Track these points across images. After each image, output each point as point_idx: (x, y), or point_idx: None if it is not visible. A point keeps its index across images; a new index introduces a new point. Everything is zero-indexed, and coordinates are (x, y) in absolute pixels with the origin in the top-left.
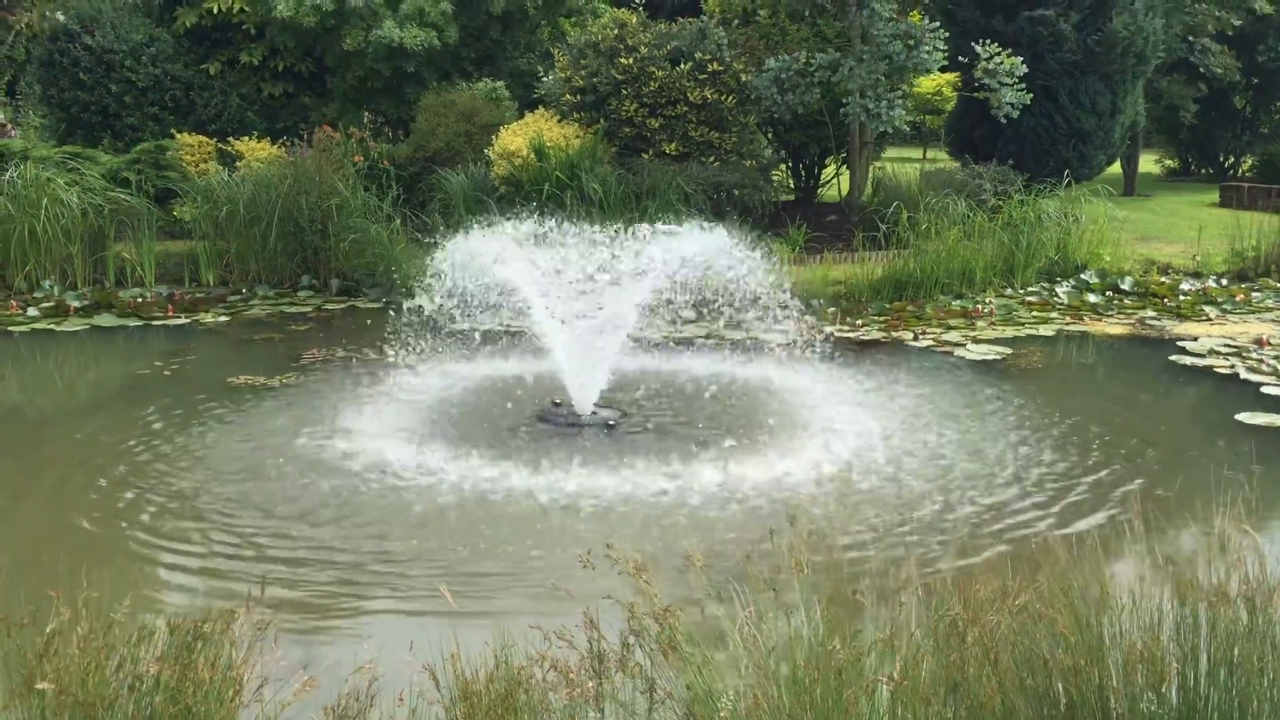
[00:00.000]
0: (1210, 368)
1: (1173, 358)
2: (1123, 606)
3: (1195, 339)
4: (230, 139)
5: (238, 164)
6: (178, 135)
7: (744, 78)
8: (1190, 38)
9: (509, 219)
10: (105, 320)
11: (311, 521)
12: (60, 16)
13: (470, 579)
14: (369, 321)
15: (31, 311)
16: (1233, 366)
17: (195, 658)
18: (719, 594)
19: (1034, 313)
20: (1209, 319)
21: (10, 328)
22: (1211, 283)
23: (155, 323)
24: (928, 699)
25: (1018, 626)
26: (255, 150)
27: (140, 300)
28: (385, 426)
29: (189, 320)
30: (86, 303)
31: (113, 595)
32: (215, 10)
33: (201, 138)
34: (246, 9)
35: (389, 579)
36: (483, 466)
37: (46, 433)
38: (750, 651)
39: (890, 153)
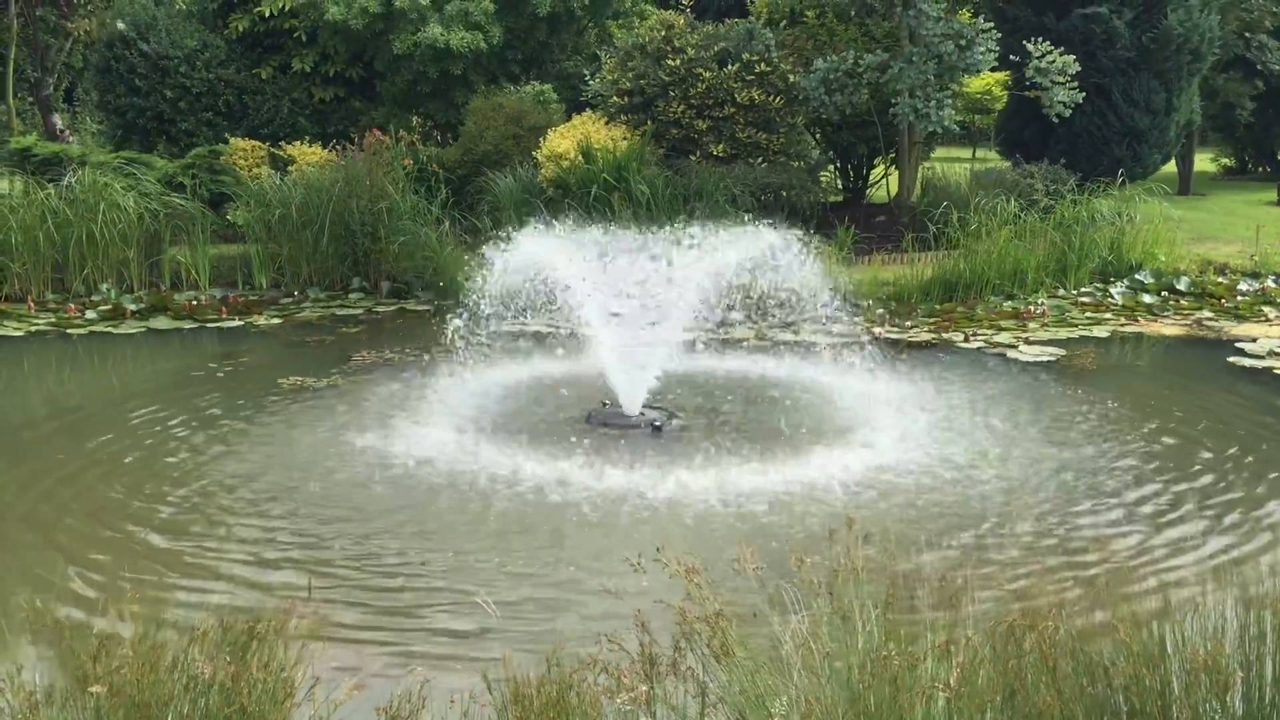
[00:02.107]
0: (1270, 369)
1: (1231, 359)
2: (1185, 613)
3: (1254, 340)
4: (282, 143)
5: (289, 168)
6: (231, 140)
7: (792, 78)
8: (1247, 34)
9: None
10: (161, 323)
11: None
12: (121, 25)
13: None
14: (418, 324)
15: (90, 314)
16: None
17: (249, 658)
18: (772, 598)
19: (1087, 314)
20: (1268, 320)
21: (69, 330)
22: (1270, 282)
23: (209, 325)
24: (984, 706)
25: (1077, 633)
26: (306, 154)
27: (195, 303)
28: (437, 425)
29: (242, 323)
30: (143, 306)
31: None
32: (268, 15)
33: (254, 142)
34: (298, 14)
35: (438, 575)
36: (533, 465)
37: (104, 430)
38: (804, 657)
39: (939, 153)
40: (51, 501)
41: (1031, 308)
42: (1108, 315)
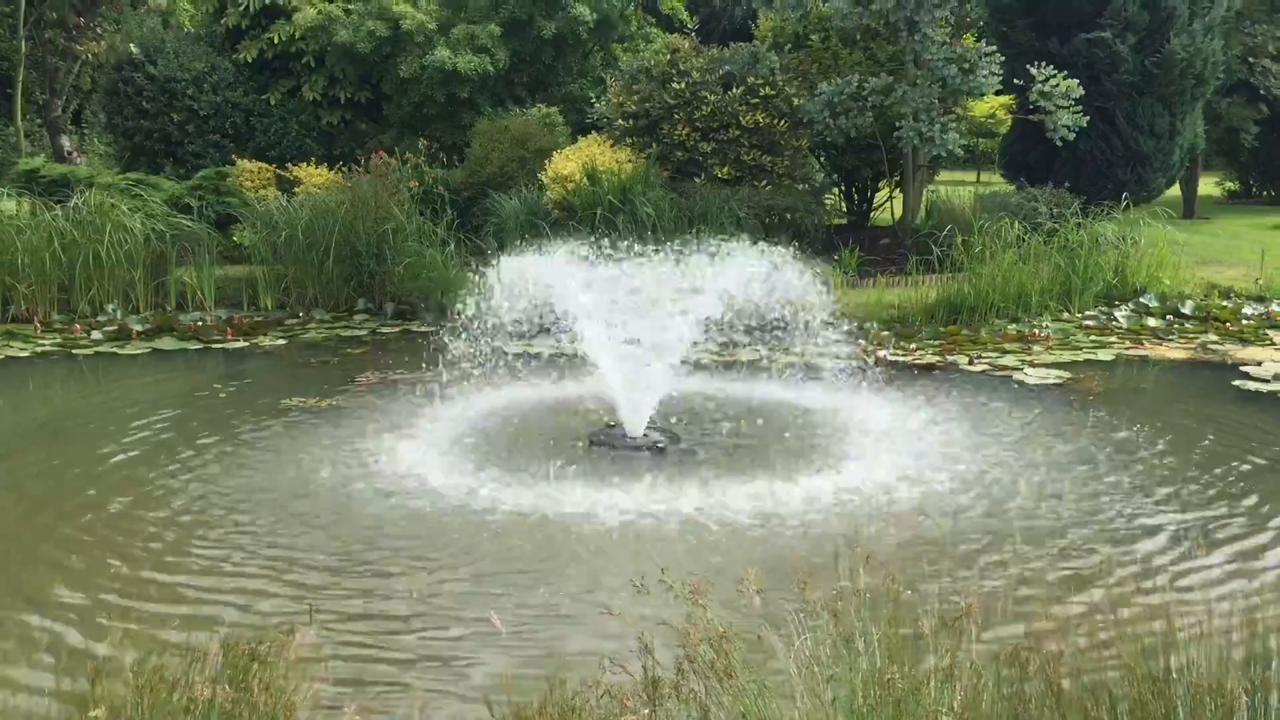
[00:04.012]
0: (1275, 393)
1: (1236, 383)
2: (1190, 637)
3: (1259, 364)
4: (289, 165)
5: (296, 189)
6: (238, 162)
7: (796, 101)
8: (1250, 59)
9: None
10: (166, 343)
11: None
12: (134, 48)
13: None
14: (423, 345)
15: (95, 335)
16: None
17: (250, 680)
18: (776, 620)
19: (1092, 337)
20: (1273, 344)
21: (74, 351)
22: (1275, 307)
23: (214, 346)
24: None
25: (1081, 656)
26: (313, 176)
27: (200, 324)
28: (440, 445)
29: (247, 344)
30: (148, 326)
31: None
32: (276, 40)
33: (261, 164)
34: (306, 38)
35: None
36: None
37: (111, 449)
38: (807, 679)
39: (944, 176)
40: (45, 515)
41: (1036, 331)
42: (1112, 339)
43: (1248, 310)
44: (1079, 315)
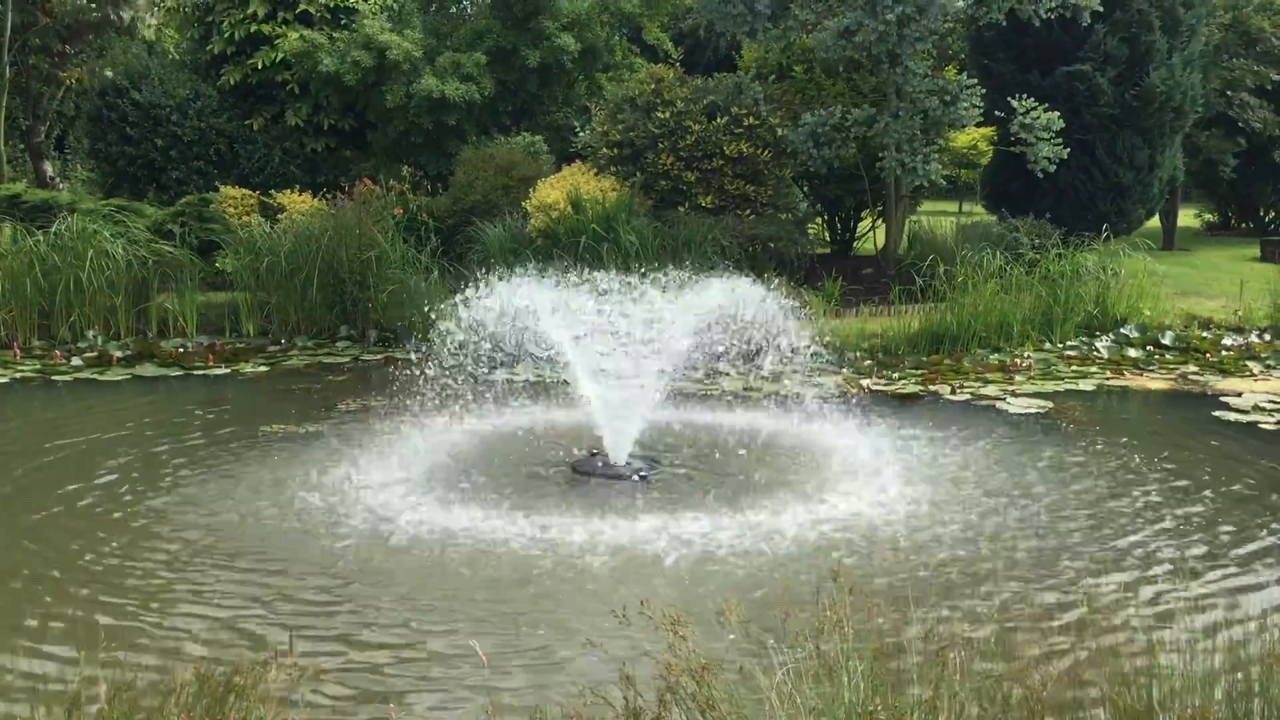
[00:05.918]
0: (1255, 424)
1: (1216, 413)
2: (1172, 669)
3: (1239, 394)
4: (272, 192)
5: (279, 216)
6: (221, 188)
7: (780, 132)
8: (1229, 92)
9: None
10: (147, 370)
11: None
12: (117, 74)
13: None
14: (406, 372)
15: (75, 361)
16: (1279, 422)
17: (228, 711)
18: (758, 650)
19: (1073, 367)
20: (1253, 374)
21: (54, 377)
22: (1255, 338)
23: (196, 372)
24: None
25: (1064, 687)
26: (297, 203)
27: (181, 350)
28: (423, 473)
29: (229, 370)
30: (129, 353)
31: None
32: (260, 67)
33: (244, 191)
34: (290, 66)
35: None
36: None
37: (93, 475)
38: (789, 711)
39: (926, 206)
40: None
41: (1018, 361)
42: (1093, 369)
43: (1227, 341)
44: (1060, 345)
